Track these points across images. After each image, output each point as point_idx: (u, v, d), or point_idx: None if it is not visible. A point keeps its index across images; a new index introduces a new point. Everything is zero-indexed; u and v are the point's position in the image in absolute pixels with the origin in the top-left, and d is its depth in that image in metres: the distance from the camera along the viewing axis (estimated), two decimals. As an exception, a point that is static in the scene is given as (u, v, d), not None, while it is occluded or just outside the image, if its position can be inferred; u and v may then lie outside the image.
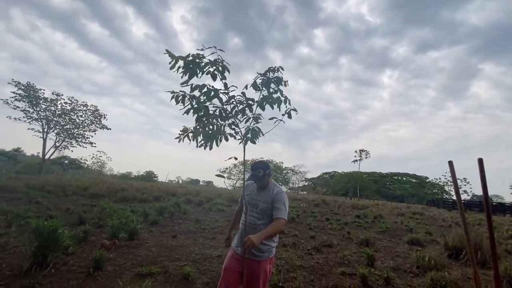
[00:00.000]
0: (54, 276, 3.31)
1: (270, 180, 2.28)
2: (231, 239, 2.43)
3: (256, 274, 2.05)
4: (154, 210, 8.09)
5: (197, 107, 2.05)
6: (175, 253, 4.60)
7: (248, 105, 2.13)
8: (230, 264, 2.15)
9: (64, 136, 27.28)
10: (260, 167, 2.19)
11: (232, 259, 2.16)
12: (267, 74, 2.14)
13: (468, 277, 4.37)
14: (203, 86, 2.04)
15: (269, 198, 2.15)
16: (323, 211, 12.16)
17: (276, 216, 2.05)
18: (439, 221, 11.75)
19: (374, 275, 4.03)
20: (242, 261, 2.08)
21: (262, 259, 2.09)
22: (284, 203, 2.14)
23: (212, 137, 2.12)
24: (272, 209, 2.12)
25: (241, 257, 2.09)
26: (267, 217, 2.12)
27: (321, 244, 5.74)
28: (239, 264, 2.11)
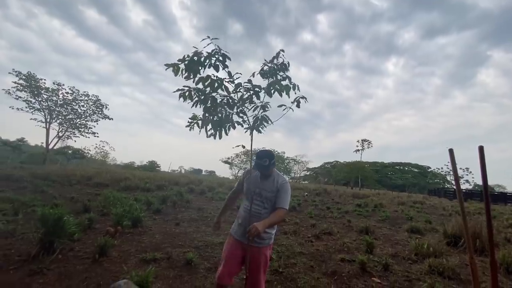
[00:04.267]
0: (61, 262, 3.41)
1: (274, 169, 2.30)
2: (220, 223, 2.48)
3: (257, 260, 2.11)
4: (157, 199, 8.21)
5: (204, 99, 2.05)
6: (178, 240, 4.70)
7: (255, 92, 2.11)
8: (231, 250, 2.19)
9: (67, 126, 27.43)
10: (266, 156, 2.18)
11: (232, 246, 2.20)
12: (273, 61, 2.12)
13: (465, 263, 4.44)
14: (207, 77, 2.02)
15: (273, 187, 2.17)
16: (324, 200, 12.28)
17: (279, 206, 2.10)
18: (440, 210, 11.84)
19: (373, 261, 4.11)
20: (243, 247, 2.14)
21: (263, 245, 2.15)
22: (288, 193, 2.18)
23: (221, 126, 2.12)
24: (276, 198, 2.15)
25: (243, 242, 2.14)
26: (270, 206, 2.16)
27: (322, 232, 5.83)
28: (240, 249, 2.16)
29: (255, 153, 2.26)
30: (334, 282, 3.39)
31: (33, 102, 24.92)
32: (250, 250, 2.10)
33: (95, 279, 3.01)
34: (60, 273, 3.11)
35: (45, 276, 3.00)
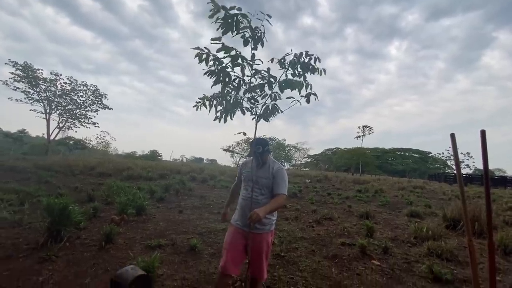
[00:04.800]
0: (69, 249, 3.51)
1: (269, 156, 2.33)
2: (227, 215, 2.53)
3: (259, 246, 2.15)
4: (160, 187, 8.31)
5: (220, 70, 1.99)
6: (181, 227, 4.80)
7: (269, 82, 2.07)
8: (235, 240, 2.19)
9: (67, 116, 27.39)
10: (259, 144, 2.23)
11: (234, 234, 2.21)
12: (301, 58, 2.05)
13: (464, 246, 4.53)
14: (231, 48, 1.93)
15: (269, 174, 2.20)
16: (325, 186, 12.40)
17: (277, 192, 2.13)
18: (439, 195, 11.96)
19: (373, 245, 4.20)
20: (245, 235, 2.16)
21: (264, 231, 2.19)
22: (284, 179, 2.20)
23: (230, 109, 2.08)
24: (273, 185, 2.18)
25: (245, 231, 2.16)
26: (268, 192, 2.19)
27: (322, 217, 5.93)
28: (242, 238, 2.18)
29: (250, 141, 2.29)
30: (334, 265, 3.49)
31: (31, 93, 24.78)
32: (252, 237, 2.13)
33: (102, 265, 3.10)
34: (69, 260, 3.21)
35: (54, 263, 3.09)
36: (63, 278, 2.77)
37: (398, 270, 3.41)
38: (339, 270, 3.32)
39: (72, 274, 2.87)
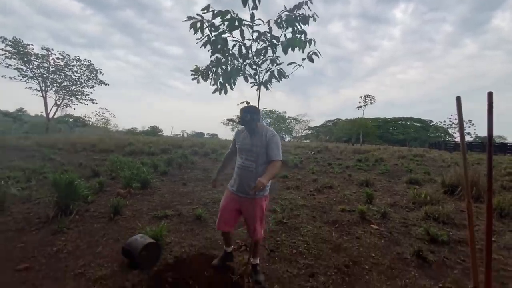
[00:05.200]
0: (79, 222, 3.64)
1: (260, 124, 2.36)
2: (218, 181, 2.67)
3: (253, 210, 2.28)
4: (163, 161, 8.42)
5: (216, 39, 1.89)
6: (186, 198, 4.94)
7: (272, 44, 1.96)
8: (228, 204, 2.40)
9: (64, 93, 26.95)
10: (246, 112, 2.27)
11: (229, 199, 2.40)
12: (294, 11, 1.91)
13: (460, 210, 4.68)
14: (227, 12, 1.82)
15: (262, 142, 2.24)
16: (325, 157, 12.53)
17: (273, 159, 2.21)
18: (439, 162, 12.10)
19: (372, 210, 4.34)
20: (239, 200, 2.34)
21: (258, 197, 2.28)
22: (278, 145, 2.28)
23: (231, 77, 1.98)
24: (267, 151, 2.24)
25: (239, 196, 2.33)
26: (262, 160, 2.26)
27: (323, 186, 6.06)
28: (236, 203, 2.36)
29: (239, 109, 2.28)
30: (335, 230, 3.63)
31: (24, 70, 24.12)
32: (247, 202, 2.30)
33: (112, 235, 3.24)
34: (80, 231, 3.34)
35: (66, 235, 3.23)
36: (76, 248, 2.90)
37: (396, 233, 3.55)
38: (339, 235, 3.47)
39: (85, 244, 3.01)
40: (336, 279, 2.44)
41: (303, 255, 2.87)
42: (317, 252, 2.96)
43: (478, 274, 1.77)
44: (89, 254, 2.76)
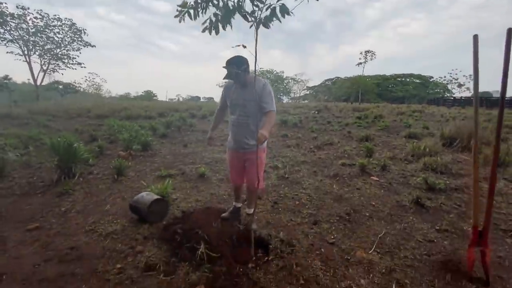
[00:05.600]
0: (84, 183, 3.68)
1: (249, 76, 2.24)
2: (213, 139, 2.64)
3: (253, 161, 2.29)
4: (161, 124, 8.31)
5: None
6: (188, 158, 4.96)
7: None
8: (233, 161, 2.48)
9: (49, 58, 25.49)
10: (233, 63, 2.15)
11: (232, 157, 2.47)
12: None
13: (457, 160, 4.77)
14: None
15: (254, 94, 2.14)
16: (324, 116, 12.43)
17: (267, 110, 2.16)
18: (437, 117, 12.10)
19: (372, 164, 4.41)
20: (239, 155, 2.39)
21: (255, 149, 2.25)
22: (271, 94, 2.21)
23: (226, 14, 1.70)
24: (261, 103, 2.17)
25: (238, 152, 2.37)
26: (256, 113, 2.20)
27: (323, 143, 6.09)
28: (239, 158, 2.42)
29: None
30: (336, 182, 3.72)
31: (2, 32, 22.39)
32: (247, 155, 2.35)
33: (118, 195, 3.30)
34: (86, 192, 3.39)
35: (73, 196, 3.27)
36: (84, 207, 2.97)
37: (395, 184, 3.65)
38: (340, 187, 3.56)
39: (92, 204, 3.06)
40: (338, 225, 2.54)
41: (306, 206, 2.97)
42: (319, 203, 3.05)
43: (478, 214, 1.83)
44: (98, 213, 2.83)
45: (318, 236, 2.35)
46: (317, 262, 1.98)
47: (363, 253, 2.08)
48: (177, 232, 2.20)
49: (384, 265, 1.94)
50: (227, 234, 2.24)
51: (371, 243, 2.24)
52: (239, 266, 1.92)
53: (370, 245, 2.21)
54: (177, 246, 2.10)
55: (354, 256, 2.06)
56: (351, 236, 2.36)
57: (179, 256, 2.02)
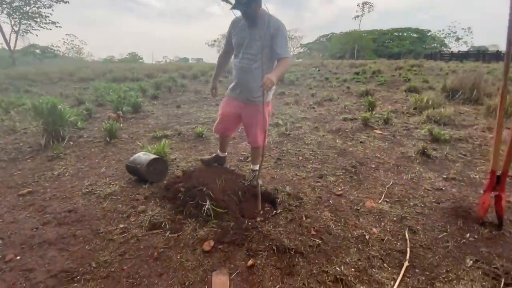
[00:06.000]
0: (75, 147, 3.49)
1: (261, 10, 1.88)
2: (217, 88, 2.37)
3: (255, 116, 2.09)
4: (150, 85, 7.86)
5: None
6: (183, 119, 4.73)
7: None
8: (228, 110, 2.19)
9: (19, 17, 23.12)
10: None
11: (229, 105, 2.19)
12: None
13: (459, 112, 4.68)
14: None
15: (265, 34, 1.84)
16: (321, 72, 11.97)
17: (281, 56, 1.87)
18: (436, 71, 11.80)
19: (374, 118, 4.28)
20: (239, 106, 2.13)
21: (259, 102, 2.04)
22: (285, 36, 1.90)
23: None
24: (272, 46, 1.87)
25: (239, 101, 2.12)
26: (265, 57, 1.90)
27: (322, 99, 5.88)
28: (237, 108, 2.15)
29: None
30: (338, 137, 3.61)
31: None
32: (248, 107, 2.10)
33: (113, 157, 3.14)
34: (78, 156, 3.22)
35: (64, 160, 3.10)
36: (78, 171, 2.82)
37: (398, 136, 3.57)
38: (343, 141, 3.46)
39: (86, 167, 2.91)
40: (344, 178, 2.48)
41: (310, 161, 2.88)
42: (323, 157, 2.97)
43: (498, 159, 1.75)
44: (93, 175, 2.69)
45: (325, 189, 2.30)
46: (326, 213, 1.93)
47: (373, 203, 2.04)
48: (180, 191, 2.09)
49: (394, 214, 1.91)
50: (232, 190, 2.15)
51: (380, 193, 2.20)
52: (247, 220, 1.86)
53: (378, 195, 2.17)
54: (181, 204, 2.01)
55: (363, 206, 2.02)
56: (358, 187, 2.31)
57: (184, 213, 1.94)
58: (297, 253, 1.57)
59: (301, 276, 1.42)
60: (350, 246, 1.61)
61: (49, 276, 1.51)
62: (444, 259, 1.50)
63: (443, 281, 1.36)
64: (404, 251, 1.56)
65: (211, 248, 1.63)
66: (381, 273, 1.42)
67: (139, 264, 1.56)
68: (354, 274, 1.41)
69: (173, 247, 1.67)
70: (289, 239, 1.67)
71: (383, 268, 1.45)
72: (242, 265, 1.51)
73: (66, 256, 1.65)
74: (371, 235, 1.69)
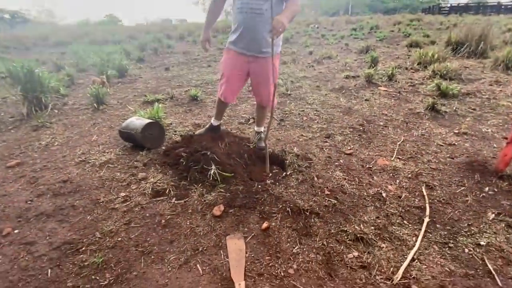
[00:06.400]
0: (61, 115, 3.23)
1: None
2: (210, 40, 2.05)
3: (265, 71, 1.85)
4: (134, 48, 7.26)
5: None
6: (174, 82, 4.42)
7: None
8: (235, 66, 1.90)
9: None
10: None
11: (234, 61, 1.88)
12: None
13: (464, 66, 4.49)
14: None
15: None
16: (316, 30, 11.28)
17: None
18: (436, 25, 11.25)
19: (377, 74, 4.07)
20: (247, 60, 1.84)
21: (269, 55, 1.78)
22: None
23: None
24: None
25: (246, 55, 1.82)
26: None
27: (321, 57, 5.56)
28: (244, 65, 1.87)
29: None
30: (342, 95, 3.44)
31: None
32: (256, 62, 1.83)
33: (104, 124, 2.92)
34: (65, 124, 2.98)
35: (51, 129, 2.87)
36: (68, 140, 2.61)
37: (404, 93, 3.42)
38: (347, 99, 3.29)
39: (76, 135, 2.70)
40: (353, 136, 2.38)
41: (315, 121, 2.74)
42: (328, 116, 2.83)
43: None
44: (85, 144, 2.51)
45: (334, 148, 2.19)
46: (338, 173, 1.85)
47: (385, 161, 1.96)
48: (181, 156, 1.95)
49: (409, 170, 1.84)
50: (237, 153, 2.03)
51: (391, 151, 2.11)
52: (257, 183, 1.77)
53: (390, 153, 2.09)
54: (184, 169, 1.89)
55: (375, 164, 1.94)
56: (368, 146, 2.22)
57: (188, 179, 1.83)
58: (313, 213, 1.50)
59: (319, 236, 1.37)
60: (367, 205, 1.55)
61: (52, 248, 1.42)
62: (465, 213, 1.46)
63: (465, 235, 1.32)
64: (423, 207, 1.51)
65: (221, 212, 1.55)
66: (401, 230, 1.37)
67: (146, 232, 1.47)
68: (375, 232, 1.36)
69: (181, 213, 1.58)
70: (303, 200, 1.60)
71: (403, 225, 1.41)
72: (256, 228, 1.45)
73: (67, 227, 1.55)
74: (388, 192, 1.63)
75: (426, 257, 1.22)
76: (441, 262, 1.20)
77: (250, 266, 1.24)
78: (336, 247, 1.30)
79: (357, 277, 1.16)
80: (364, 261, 1.22)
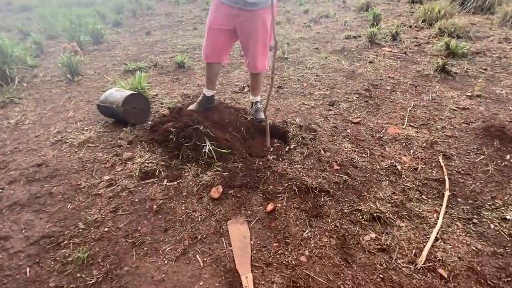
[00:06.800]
0: (31, 89, 2.86)
1: None
2: None
3: (255, 28, 1.58)
4: (110, 10, 6.50)
5: None
6: (157, 48, 3.98)
7: None
8: (219, 22, 1.62)
9: None
10: None
11: (220, 15, 1.60)
12: None
13: (471, 23, 4.18)
14: None
15: None
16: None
17: None
18: (437, -21, 10.51)
19: (380, 34, 3.74)
20: (234, 14, 1.56)
21: (260, 7, 1.53)
22: None
23: None
24: None
25: (234, 7, 1.53)
26: None
27: (318, 16, 5.09)
28: (230, 19, 1.59)
29: None
30: (343, 57, 3.15)
31: None
32: (244, 17, 1.56)
33: (80, 97, 2.60)
34: (37, 99, 2.65)
35: (21, 105, 2.54)
36: (40, 117, 2.32)
37: (410, 53, 3.16)
38: (349, 62, 3.02)
39: (50, 111, 2.40)
40: (359, 103, 2.17)
41: (316, 87, 2.50)
42: (330, 82, 2.58)
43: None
44: (60, 121, 2.23)
45: (339, 117, 2.00)
46: (346, 144, 1.68)
47: (396, 129, 1.79)
48: (171, 131, 1.73)
49: (423, 139, 1.69)
50: (233, 127, 1.81)
51: (401, 118, 1.94)
52: (257, 160, 1.59)
53: (400, 120, 1.91)
54: (175, 147, 1.68)
55: (386, 133, 1.77)
56: (376, 113, 2.03)
57: (180, 157, 1.63)
58: (322, 191, 1.35)
59: (331, 217, 1.23)
60: (381, 179, 1.41)
61: (29, 243, 1.24)
62: (487, 184, 1.34)
63: (490, 209, 1.21)
64: (441, 179, 1.38)
65: (220, 194, 1.39)
66: (420, 206, 1.25)
67: (137, 220, 1.31)
68: (392, 210, 1.23)
69: (174, 197, 1.41)
70: (310, 177, 1.44)
71: (422, 200, 1.28)
72: (260, 211, 1.30)
73: (46, 218, 1.36)
74: (402, 164, 1.49)
75: (450, 236, 1.11)
76: (467, 241, 1.09)
77: (257, 255, 1.10)
78: (351, 228, 1.17)
79: (376, 262, 1.04)
80: (383, 244, 1.10)
